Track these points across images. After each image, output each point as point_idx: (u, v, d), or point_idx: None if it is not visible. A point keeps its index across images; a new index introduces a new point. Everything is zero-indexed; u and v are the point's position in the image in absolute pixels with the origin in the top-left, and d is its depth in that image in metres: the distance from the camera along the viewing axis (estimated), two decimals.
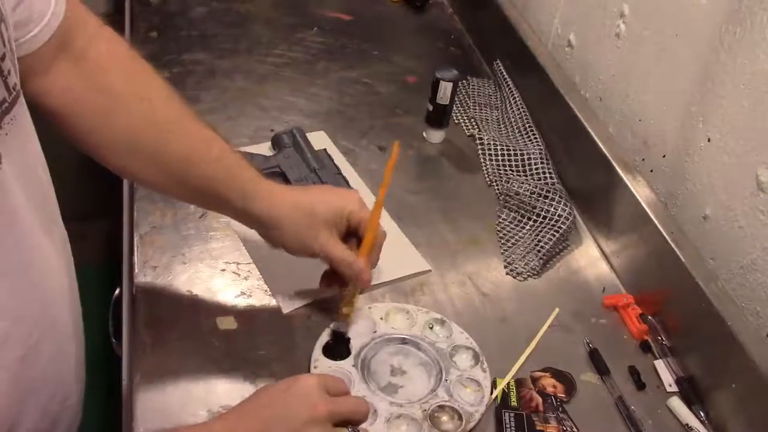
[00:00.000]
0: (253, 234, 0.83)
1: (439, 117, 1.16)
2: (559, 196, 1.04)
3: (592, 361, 0.86)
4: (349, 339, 0.82)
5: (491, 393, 0.79)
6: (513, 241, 1.01)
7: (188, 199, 0.86)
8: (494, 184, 1.12)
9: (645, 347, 0.89)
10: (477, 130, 1.22)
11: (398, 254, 0.96)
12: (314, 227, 0.79)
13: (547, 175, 1.10)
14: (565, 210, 1.02)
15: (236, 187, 0.77)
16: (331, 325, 0.83)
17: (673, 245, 0.89)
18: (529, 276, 0.97)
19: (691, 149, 0.95)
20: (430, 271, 0.95)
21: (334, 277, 0.83)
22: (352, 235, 0.83)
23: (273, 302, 0.87)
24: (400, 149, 0.85)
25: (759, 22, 0.83)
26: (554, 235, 1.00)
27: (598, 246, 1.04)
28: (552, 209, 1.02)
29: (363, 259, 0.81)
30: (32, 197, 0.62)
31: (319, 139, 1.12)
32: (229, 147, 0.78)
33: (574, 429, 0.77)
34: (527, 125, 1.21)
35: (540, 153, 1.14)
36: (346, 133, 1.17)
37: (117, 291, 1.00)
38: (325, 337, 0.82)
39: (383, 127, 1.20)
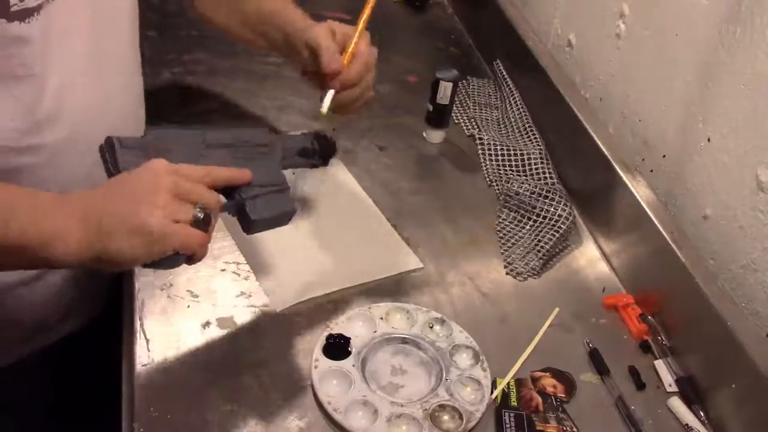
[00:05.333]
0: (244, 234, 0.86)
1: (439, 117, 1.16)
2: (559, 196, 1.04)
3: (592, 361, 0.86)
4: (348, 339, 0.82)
5: (491, 393, 0.79)
6: (513, 241, 1.01)
7: (249, 37, 1.01)
8: (494, 184, 1.12)
9: (645, 347, 0.89)
10: (477, 130, 1.22)
11: (390, 252, 0.96)
12: (316, 26, 0.89)
13: (547, 175, 1.10)
14: (565, 210, 1.02)
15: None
16: (315, 131, 0.90)
17: (673, 245, 0.89)
18: (529, 276, 0.97)
19: (691, 149, 0.95)
20: (422, 268, 0.95)
21: (315, 76, 0.90)
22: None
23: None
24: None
25: (759, 22, 0.83)
26: (554, 235, 1.00)
27: (598, 246, 1.04)
28: (552, 209, 1.02)
29: (343, 56, 0.87)
30: None
31: None
32: None
33: (574, 429, 0.77)
34: (527, 125, 1.21)
35: (540, 153, 1.14)
36: (346, 133, 1.17)
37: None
38: (323, 339, 0.82)
39: (383, 127, 1.20)
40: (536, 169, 1.11)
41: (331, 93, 0.87)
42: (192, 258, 0.71)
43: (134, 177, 0.68)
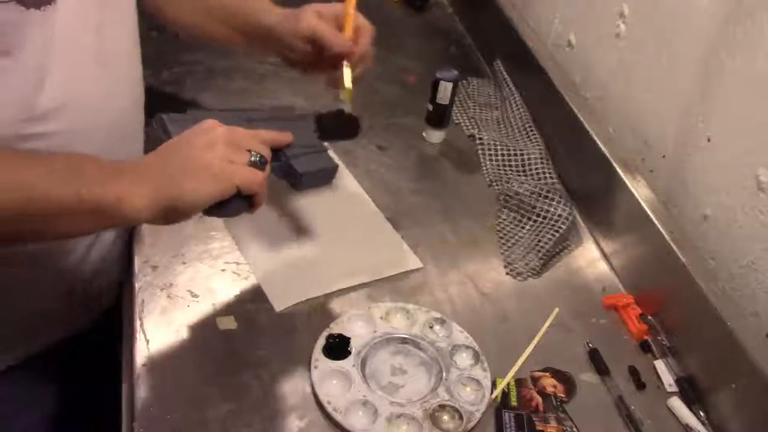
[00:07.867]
0: (247, 234, 0.89)
1: (439, 117, 1.16)
2: (559, 196, 1.04)
3: (592, 361, 0.86)
4: (348, 339, 0.82)
5: (491, 393, 0.79)
6: (513, 241, 1.01)
7: (217, 33, 1.01)
8: (494, 184, 1.12)
9: (645, 347, 0.89)
10: (477, 130, 1.22)
11: (390, 252, 0.96)
12: (302, 15, 0.90)
13: (547, 175, 1.10)
14: (565, 210, 1.02)
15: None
16: (335, 108, 0.93)
17: (673, 245, 0.89)
18: (529, 276, 0.97)
19: (691, 149, 0.95)
20: (422, 267, 0.95)
21: (324, 64, 0.92)
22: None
23: None
24: None
25: (759, 22, 0.83)
26: (554, 235, 1.00)
27: (598, 246, 1.04)
28: (552, 209, 1.02)
29: (344, 34, 0.90)
30: None
31: None
32: None
33: (574, 429, 0.77)
34: (527, 125, 1.21)
35: (540, 153, 1.14)
36: None
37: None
38: (323, 339, 0.82)
39: (383, 127, 1.20)
40: (536, 169, 1.11)
41: (347, 71, 0.90)
42: (253, 202, 0.75)
43: (189, 134, 0.73)
